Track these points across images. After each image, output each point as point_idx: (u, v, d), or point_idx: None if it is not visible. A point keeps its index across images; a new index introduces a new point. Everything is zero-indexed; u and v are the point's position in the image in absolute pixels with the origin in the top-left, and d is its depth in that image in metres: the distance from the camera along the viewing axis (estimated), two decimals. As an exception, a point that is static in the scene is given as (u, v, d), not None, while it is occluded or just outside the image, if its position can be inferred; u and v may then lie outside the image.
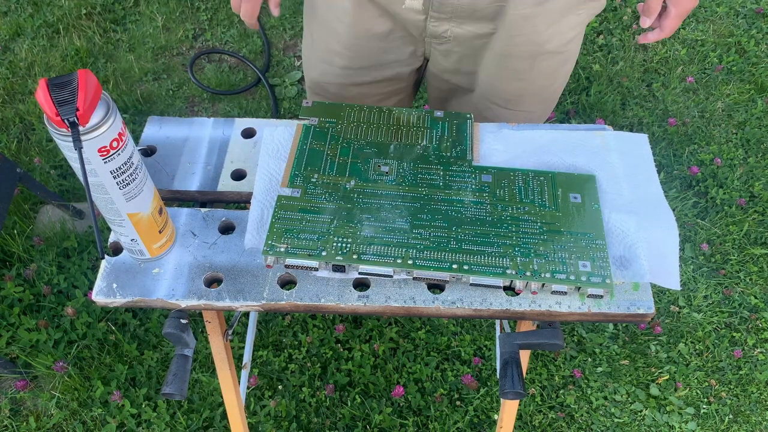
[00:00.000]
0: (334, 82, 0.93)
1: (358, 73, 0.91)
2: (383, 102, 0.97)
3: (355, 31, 0.86)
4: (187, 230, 0.70)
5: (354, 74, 0.91)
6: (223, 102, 1.88)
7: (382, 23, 0.84)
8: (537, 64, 0.85)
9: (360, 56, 0.89)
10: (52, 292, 1.44)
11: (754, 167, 1.71)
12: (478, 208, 0.69)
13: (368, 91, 0.94)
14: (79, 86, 0.51)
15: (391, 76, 0.93)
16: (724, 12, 2.09)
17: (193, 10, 2.11)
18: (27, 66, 1.91)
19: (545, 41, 0.82)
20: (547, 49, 0.83)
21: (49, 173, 1.66)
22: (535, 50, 0.83)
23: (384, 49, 0.88)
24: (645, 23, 0.82)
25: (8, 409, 1.32)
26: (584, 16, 0.83)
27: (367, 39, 0.86)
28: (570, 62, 0.89)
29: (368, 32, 0.86)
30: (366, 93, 0.94)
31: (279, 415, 1.31)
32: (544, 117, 0.97)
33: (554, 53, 0.84)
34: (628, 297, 0.65)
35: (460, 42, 0.85)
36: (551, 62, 0.86)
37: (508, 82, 0.88)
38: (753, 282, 1.53)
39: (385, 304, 0.65)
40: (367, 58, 0.89)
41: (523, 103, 0.91)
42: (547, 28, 0.81)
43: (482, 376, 1.37)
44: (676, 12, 0.79)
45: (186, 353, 0.72)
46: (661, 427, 1.34)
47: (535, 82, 0.88)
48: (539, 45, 0.82)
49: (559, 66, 0.88)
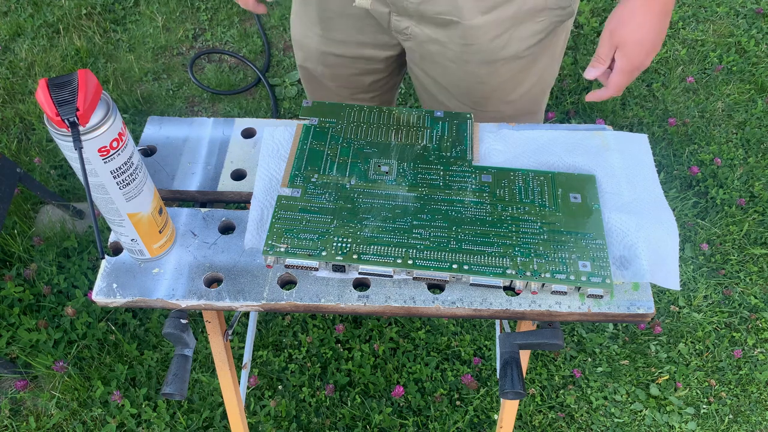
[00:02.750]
0: (314, 46, 0.96)
1: (333, 44, 0.93)
2: (361, 77, 0.99)
3: (329, 6, 0.88)
4: (187, 230, 0.70)
5: (330, 44, 0.93)
6: (223, 102, 1.88)
7: (355, 9, 0.86)
8: (497, 69, 0.85)
9: (334, 30, 0.91)
10: (52, 292, 1.44)
11: (754, 167, 1.71)
12: (478, 208, 0.69)
13: (344, 63, 0.96)
14: (79, 86, 0.51)
15: (367, 56, 0.94)
16: (724, 12, 2.09)
17: (193, 10, 2.11)
18: (27, 66, 1.91)
19: (500, 48, 0.82)
20: (503, 55, 0.83)
21: (49, 173, 1.66)
22: (490, 57, 0.83)
23: (358, 29, 0.90)
24: (590, 74, 0.76)
25: (8, 409, 1.32)
26: (546, 23, 0.81)
27: (341, 17, 0.88)
28: (539, 65, 0.88)
29: (342, 12, 0.88)
30: (343, 64, 0.96)
31: (279, 415, 1.31)
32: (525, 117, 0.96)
33: (514, 58, 0.84)
34: (628, 297, 0.65)
35: (420, 41, 0.85)
36: (512, 66, 0.85)
37: (471, 85, 0.88)
38: (753, 282, 1.53)
39: (385, 304, 0.65)
40: (340, 33, 0.91)
41: (489, 104, 0.91)
42: (501, 35, 0.80)
43: (482, 376, 1.37)
44: (622, 66, 0.73)
45: (186, 353, 0.72)
46: (661, 427, 1.34)
47: (497, 85, 0.88)
48: (494, 52, 0.82)
49: (522, 69, 0.87)
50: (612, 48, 0.73)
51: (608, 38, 0.73)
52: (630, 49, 0.72)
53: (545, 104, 0.99)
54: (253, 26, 2.06)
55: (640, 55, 0.72)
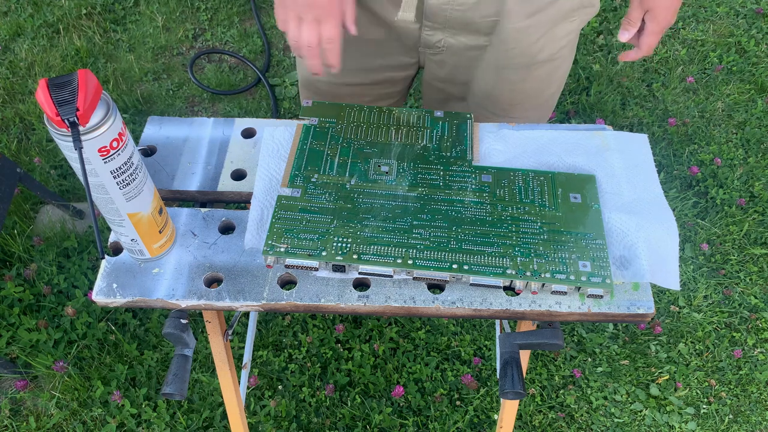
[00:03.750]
0: (325, 81, 0.92)
1: (350, 74, 0.90)
2: (375, 103, 0.97)
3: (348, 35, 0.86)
4: (187, 230, 0.70)
5: (346, 75, 0.90)
6: (223, 102, 1.88)
7: (375, 31, 0.84)
8: (531, 73, 0.85)
9: (352, 59, 0.88)
10: (52, 292, 1.44)
11: (754, 167, 1.71)
12: (478, 208, 0.69)
13: (360, 91, 0.94)
14: (79, 86, 0.51)
15: (383, 79, 0.92)
16: (724, 12, 2.09)
17: (193, 10, 2.11)
18: (27, 66, 1.91)
19: (538, 51, 0.82)
20: (540, 58, 0.84)
21: (49, 173, 1.66)
22: (528, 61, 0.83)
23: (377, 54, 0.88)
24: (623, 36, 0.80)
25: (8, 409, 1.32)
26: (577, 23, 0.83)
27: (360, 44, 0.86)
28: (564, 66, 0.89)
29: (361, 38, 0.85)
30: (357, 93, 0.94)
31: (279, 415, 1.31)
32: (543, 120, 0.97)
33: (547, 61, 0.85)
34: (628, 297, 0.65)
35: (453, 52, 0.85)
36: (544, 70, 0.86)
37: (502, 92, 0.88)
38: (753, 282, 1.53)
39: (385, 304, 0.65)
40: (358, 61, 0.89)
41: (518, 110, 0.91)
42: (540, 38, 0.81)
43: (482, 376, 1.37)
44: (652, 28, 0.78)
45: (186, 353, 0.72)
46: (661, 427, 1.34)
47: (529, 90, 0.88)
48: (533, 56, 0.83)
49: (552, 72, 0.88)
50: (642, 11, 0.77)
51: (639, 3, 0.77)
52: (660, 11, 0.76)
53: None
54: (253, 26, 2.06)
55: (668, 16, 0.77)
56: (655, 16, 0.77)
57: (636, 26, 0.79)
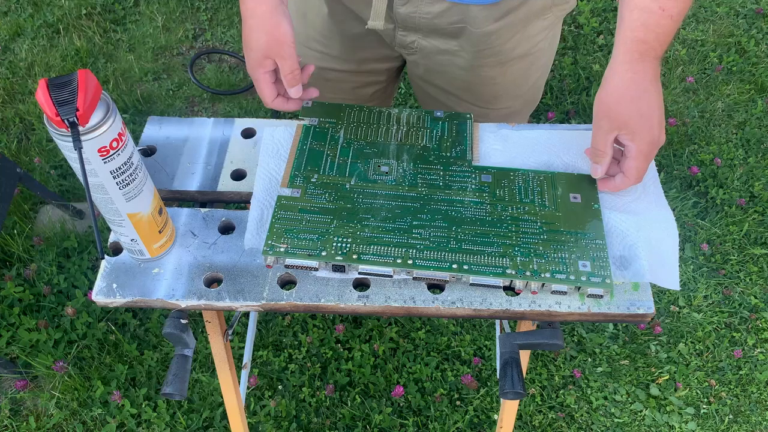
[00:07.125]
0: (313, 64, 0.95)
1: (335, 60, 0.93)
2: (363, 89, 0.99)
3: (331, 27, 0.88)
4: (187, 230, 0.70)
5: (331, 61, 0.93)
6: (223, 102, 1.88)
7: (356, 26, 0.86)
8: (508, 69, 0.86)
9: (336, 47, 0.91)
10: (52, 292, 1.44)
11: (754, 167, 1.71)
12: (478, 208, 0.69)
13: (346, 77, 0.96)
14: (79, 86, 0.51)
15: (367, 69, 0.94)
16: (724, 12, 2.09)
17: (193, 10, 2.11)
18: (27, 66, 1.91)
19: (512, 49, 0.83)
20: (515, 55, 0.84)
21: (49, 173, 1.66)
22: (503, 58, 0.84)
23: (359, 47, 0.90)
24: (596, 172, 0.67)
25: (8, 409, 1.32)
26: (552, 19, 0.83)
27: (342, 36, 0.89)
28: (544, 57, 0.89)
29: (343, 31, 0.88)
30: (344, 79, 0.96)
31: (279, 415, 1.31)
32: (530, 107, 0.98)
33: (524, 56, 0.85)
34: (628, 297, 0.65)
35: (425, 54, 0.86)
36: (522, 64, 0.86)
37: (481, 87, 0.89)
38: (753, 282, 1.53)
39: (385, 304, 0.65)
40: (342, 50, 0.91)
41: (500, 101, 0.92)
42: (512, 38, 0.81)
43: (482, 376, 1.37)
44: (637, 149, 0.63)
45: (186, 353, 0.72)
46: (661, 427, 1.34)
47: (509, 84, 0.89)
48: (506, 54, 0.83)
49: (530, 65, 0.88)
50: (610, 133, 0.64)
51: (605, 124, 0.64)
52: (637, 127, 0.62)
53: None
54: (253, 26, 2.06)
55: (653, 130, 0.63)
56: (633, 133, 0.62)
57: (607, 154, 0.65)
